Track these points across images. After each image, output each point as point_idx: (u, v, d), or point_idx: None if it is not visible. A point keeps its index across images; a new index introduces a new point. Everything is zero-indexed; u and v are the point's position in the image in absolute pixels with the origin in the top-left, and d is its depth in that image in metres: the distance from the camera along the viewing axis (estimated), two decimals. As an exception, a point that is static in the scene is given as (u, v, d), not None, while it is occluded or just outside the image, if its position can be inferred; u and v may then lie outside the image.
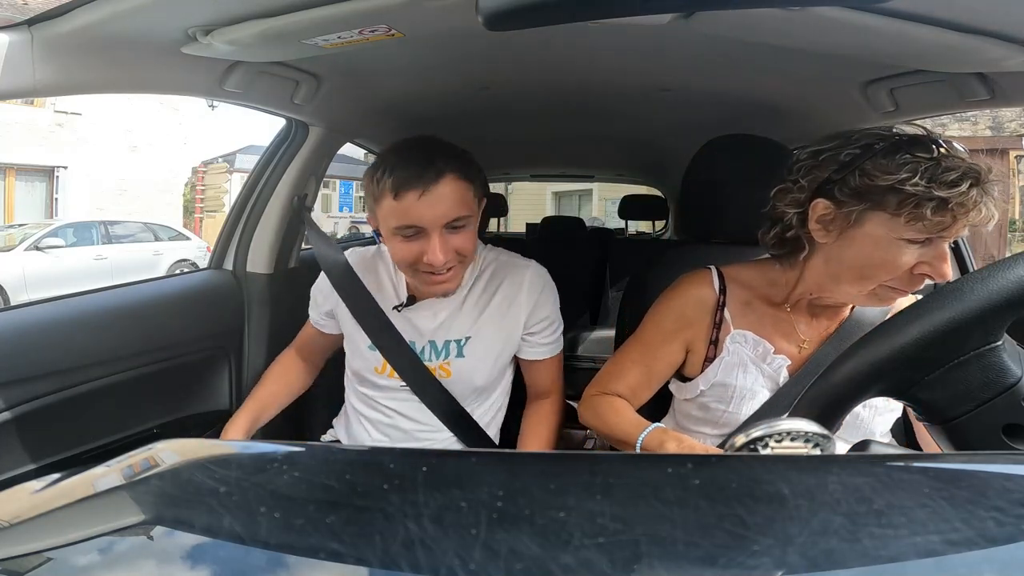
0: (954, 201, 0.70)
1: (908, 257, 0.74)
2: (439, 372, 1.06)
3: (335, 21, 0.82)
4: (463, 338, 1.06)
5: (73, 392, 1.05)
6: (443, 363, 1.06)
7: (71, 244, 8.19)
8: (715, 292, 0.92)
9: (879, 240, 0.75)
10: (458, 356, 1.05)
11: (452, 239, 0.93)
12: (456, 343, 1.06)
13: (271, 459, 0.46)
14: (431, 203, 0.90)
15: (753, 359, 0.90)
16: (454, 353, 1.05)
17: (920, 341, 0.51)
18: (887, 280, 0.77)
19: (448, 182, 0.91)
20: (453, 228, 0.93)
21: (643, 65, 1.26)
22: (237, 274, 1.45)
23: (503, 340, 1.07)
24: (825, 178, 0.78)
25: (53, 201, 10.70)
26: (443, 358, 1.06)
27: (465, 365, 1.06)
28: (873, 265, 0.76)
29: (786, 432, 0.51)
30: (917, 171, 0.71)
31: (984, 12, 0.78)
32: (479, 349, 1.06)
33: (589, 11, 0.64)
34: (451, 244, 0.93)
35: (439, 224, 0.91)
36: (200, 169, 13.96)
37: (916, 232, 0.73)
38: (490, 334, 1.06)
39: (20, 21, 0.79)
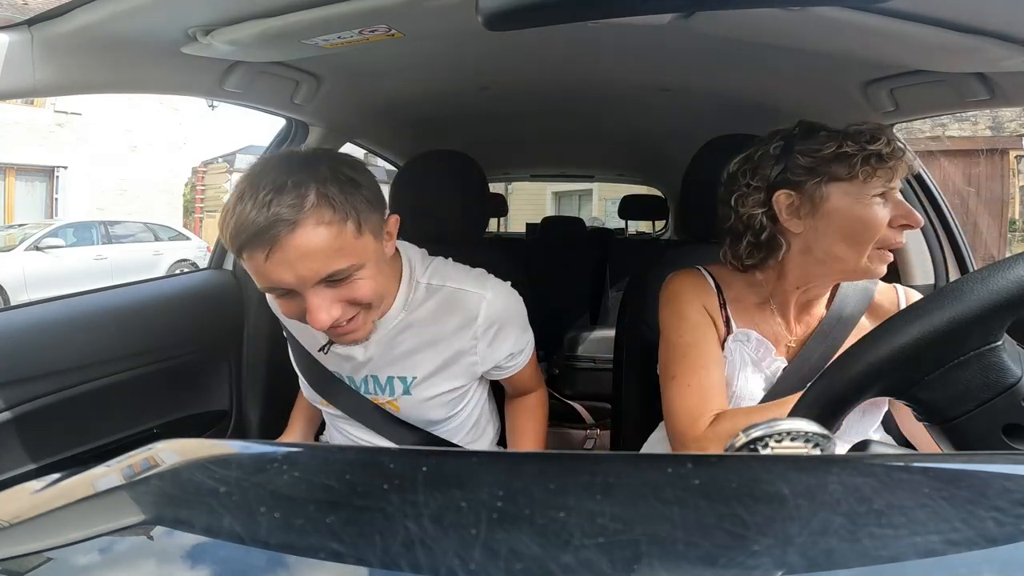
0: (885, 151, 0.78)
1: (882, 212, 0.79)
2: (387, 407, 0.95)
3: (335, 21, 0.82)
4: (408, 376, 0.91)
5: (73, 392, 1.05)
6: (390, 400, 0.94)
7: (71, 244, 8.19)
8: (713, 288, 0.92)
9: (851, 206, 0.80)
10: (405, 394, 0.93)
11: (338, 292, 0.74)
12: (401, 381, 0.92)
13: (271, 459, 0.46)
14: (286, 265, 0.69)
15: (755, 360, 0.89)
16: (400, 391, 0.93)
17: (920, 341, 0.51)
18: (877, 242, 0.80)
19: (305, 232, 0.68)
20: (333, 283, 0.74)
21: (643, 65, 1.26)
22: (237, 274, 1.45)
23: (457, 378, 0.93)
24: (771, 173, 0.83)
25: (53, 201, 10.69)
26: (388, 395, 0.93)
27: (414, 402, 0.94)
28: (858, 230, 0.80)
29: (786, 432, 0.51)
30: (838, 139, 0.80)
31: (984, 12, 0.78)
32: (428, 389, 0.93)
33: (589, 11, 0.64)
34: (338, 298, 0.75)
35: (308, 284, 0.72)
36: (200, 169, 13.96)
37: (875, 187, 0.79)
38: (441, 374, 0.92)
39: (20, 21, 0.79)
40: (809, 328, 0.92)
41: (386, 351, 0.90)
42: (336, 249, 0.71)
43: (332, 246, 0.70)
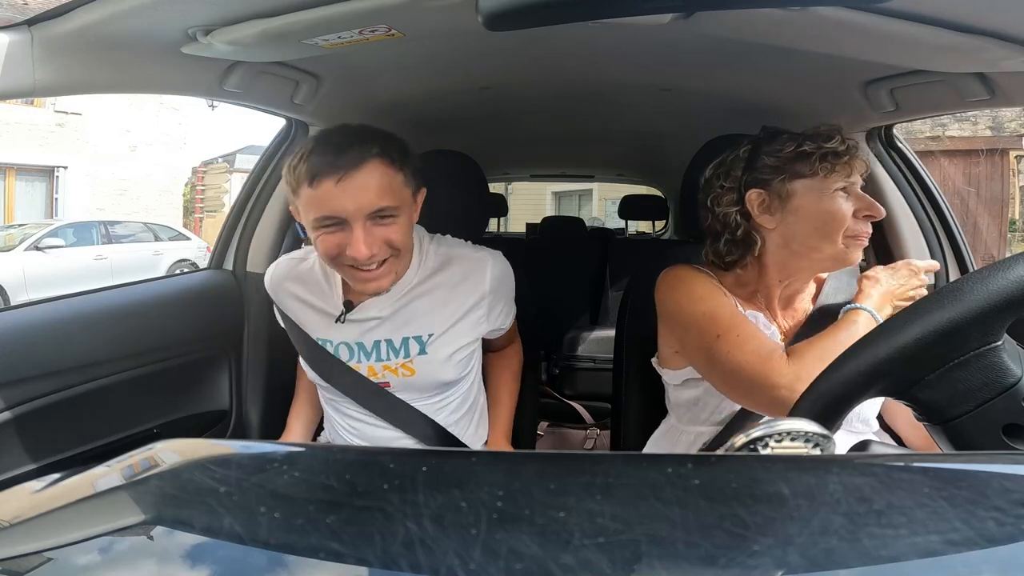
0: (840, 149, 0.85)
1: (846, 205, 0.86)
2: (402, 372, 1.00)
3: (335, 21, 0.82)
4: (425, 335, 0.99)
5: (73, 392, 1.05)
6: (404, 362, 0.99)
7: (71, 244, 8.19)
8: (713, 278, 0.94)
9: (816, 200, 0.86)
10: (421, 354, 0.99)
11: (378, 231, 0.86)
12: (416, 340, 0.99)
13: (271, 459, 0.46)
14: (350, 191, 0.83)
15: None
16: (415, 351, 0.99)
17: (920, 341, 0.51)
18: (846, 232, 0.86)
19: (371, 168, 0.85)
20: (379, 219, 0.86)
21: (643, 65, 1.26)
22: (237, 274, 1.45)
23: (467, 336, 1.02)
24: (742, 174, 0.90)
25: (53, 201, 10.70)
26: (403, 356, 0.99)
27: (430, 363, 0.99)
28: (827, 222, 0.86)
29: (786, 432, 0.51)
30: (798, 140, 0.87)
31: (984, 12, 0.78)
32: (444, 346, 0.99)
33: (589, 11, 0.64)
34: (377, 236, 0.86)
35: (361, 214, 0.85)
36: (200, 169, 13.96)
37: (836, 180, 0.85)
38: (455, 330, 1.00)
39: (20, 21, 0.80)
40: (796, 322, 0.95)
41: (402, 311, 0.99)
42: (389, 189, 0.86)
43: (387, 186, 0.86)
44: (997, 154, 7.56)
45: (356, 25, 0.84)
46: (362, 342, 1.00)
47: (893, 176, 1.35)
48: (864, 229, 0.87)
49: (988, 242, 7.24)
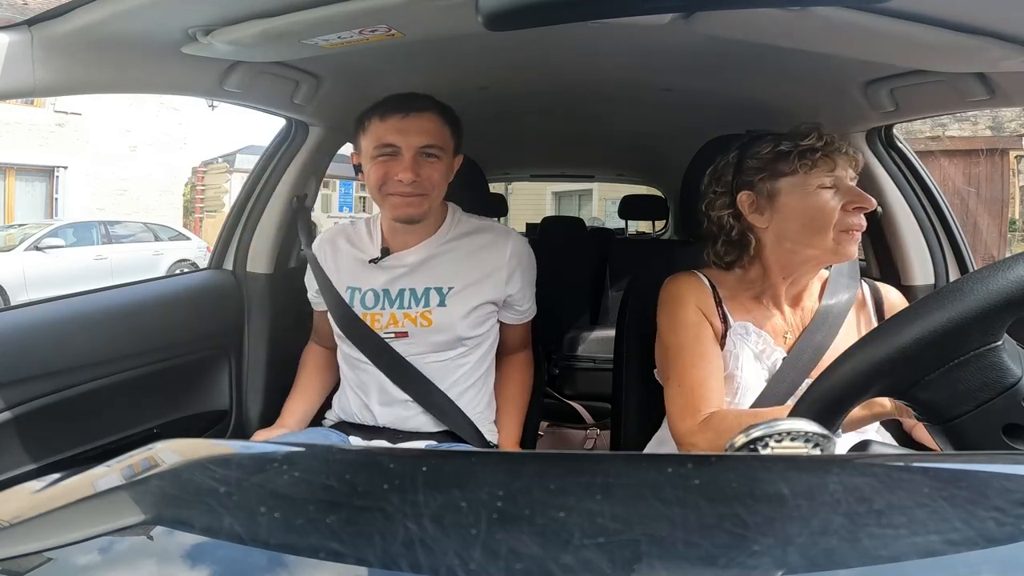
0: (818, 145, 0.88)
1: (832, 199, 0.87)
2: (420, 320, 1.10)
3: (335, 21, 0.82)
4: (445, 287, 1.10)
5: (73, 392, 1.05)
6: (424, 311, 1.10)
7: (71, 244, 8.18)
8: (708, 288, 0.96)
9: (801, 197, 0.88)
10: (440, 305, 1.10)
11: (423, 165, 1.03)
12: (437, 291, 1.10)
13: (271, 459, 0.46)
14: (411, 125, 1.03)
15: (756, 353, 0.93)
16: (435, 301, 1.10)
17: (920, 341, 0.51)
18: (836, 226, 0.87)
19: (429, 115, 1.05)
20: (426, 156, 1.04)
21: (643, 65, 1.26)
22: (237, 274, 1.44)
23: (484, 296, 1.11)
24: (731, 178, 0.94)
25: (53, 201, 10.69)
26: (423, 306, 1.10)
27: (447, 314, 1.09)
28: (814, 216, 0.88)
29: (786, 432, 0.51)
30: (775, 141, 0.91)
31: (984, 12, 0.78)
32: (461, 299, 1.10)
33: (589, 11, 0.64)
34: (422, 168, 1.03)
35: (414, 146, 1.03)
36: (200, 169, 13.96)
37: (818, 176, 0.87)
38: (473, 287, 1.11)
39: (20, 21, 0.80)
40: (805, 319, 0.95)
41: (428, 262, 1.11)
42: (439, 135, 1.05)
43: (438, 132, 1.06)
44: (997, 154, 7.56)
45: (356, 25, 0.84)
46: (388, 289, 1.11)
47: (893, 176, 1.35)
48: (855, 222, 0.87)
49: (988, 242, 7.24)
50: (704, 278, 0.97)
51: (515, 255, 1.13)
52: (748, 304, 0.96)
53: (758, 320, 0.94)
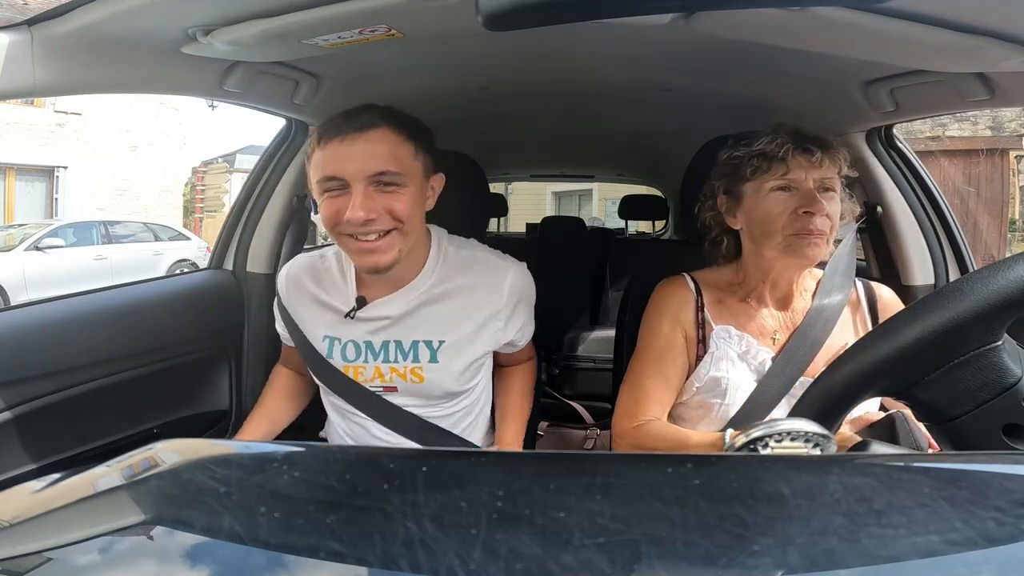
0: (768, 149, 0.90)
1: (781, 204, 0.90)
2: (410, 377, 0.96)
3: (335, 21, 0.82)
4: (435, 341, 0.96)
5: (73, 392, 1.04)
6: (414, 367, 0.96)
7: (71, 244, 8.18)
8: (692, 293, 0.99)
9: (757, 201, 0.92)
10: (432, 361, 0.96)
11: (380, 198, 0.85)
12: (427, 345, 0.96)
13: (271, 459, 0.46)
14: (354, 151, 0.84)
15: (740, 354, 0.94)
16: (426, 357, 0.96)
17: (920, 341, 0.51)
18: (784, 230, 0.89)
19: (378, 133, 0.86)
20: (382, 185, 0.85)
21: (643, 65, 1.26)
22: (237, 274, 1.44)
23: (482, 348, 0.98)
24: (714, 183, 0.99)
25: (53, 201, 10.69)
26: (412, 361, 0.96)
27: (440, 371, 0.96)
28: (765, 220, 0.91)
29: (786, 432, 0.51)
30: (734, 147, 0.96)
31: (984, 12, 0.78)
32: (455, 355, 0.96)
33: (589, 11, 0.64)
34: (378, 203, 0.85)
35: (362, 176, 0.84)
36: (200, 169, 13.96)
37: (770, 180, 0.90)
38: (469, 340, 0.97)
39: (20, 21, 0.79)
40: (796, 319, 0.96)
41: (414, 313, 0.96)
42: (394, 156, 0.86)
43: (391, 152, 0.86)
44: (997, 154, 7.56)
45: (356, 25, 0.84)
46: (370, 341, 0.97)
47: (893, 176, 1.35)
48: (807, 226, 0.88)
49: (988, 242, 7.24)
50: (691, 283, 1.00)
51: (514, 293, 0.98)
52: (734, 307, 0.98)
53: (741, 322, 0.96)
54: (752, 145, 0.92)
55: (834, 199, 0.90)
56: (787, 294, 0.97)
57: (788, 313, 0.97)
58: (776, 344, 0.95)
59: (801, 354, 0.92)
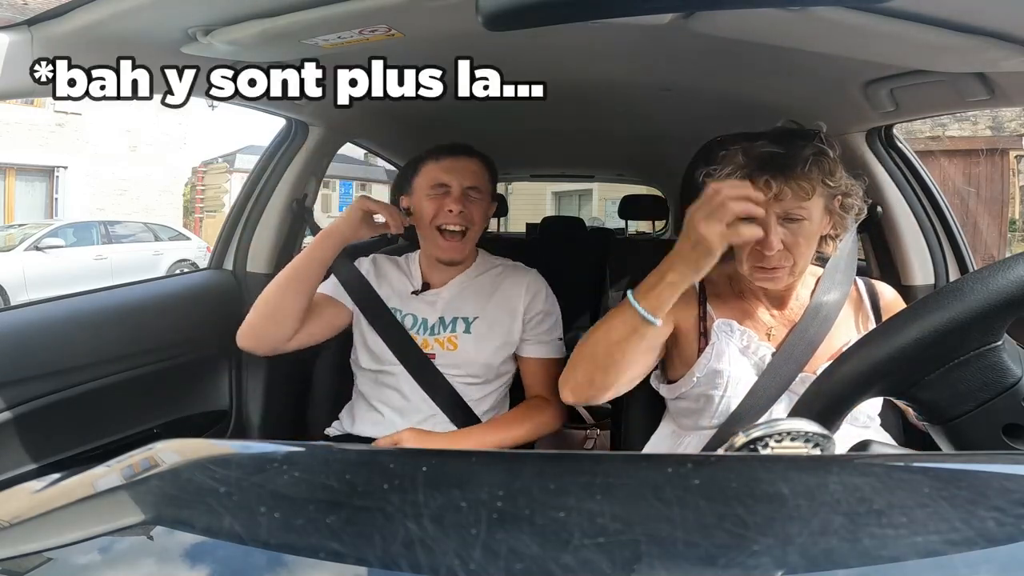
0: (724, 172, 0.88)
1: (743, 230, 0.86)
2: (447, 344, 1.18)
3: (335, 21, 0.82)
4: (471, 317, 1.20)
5: (73, 392, 1.04)
6: (451, 336, 1.19)
7: (71, 244, 8.18)
8: (695, 291, 0.98)
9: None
10: (465, 332, 1.19)
11: (468, 203, 1.15)
12: (464, 320, 1.20)
13: (271, 459, 0.46)
14: (461, 166, 1.17)
15: (741, 348, 0.94)
16: (461, 328, 1.19)
17: (920, 341, 0.51)
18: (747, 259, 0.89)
19: (476, 161, 1.20)
20: (470, 194, 1.16)
21: (643, 65, 1.26)
22: (237, 274, 1.44)
23: (504, 328, 1.20)
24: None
25: (53, 201, 10.69)
26: (451, 331, 1.19)
27: (471, 341, 1.19)
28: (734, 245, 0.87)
29: (786, 432, 0.51)
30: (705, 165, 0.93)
31: (984, 12, 0.78)
32: (483, 329, 1.19)
33: (589, 11, 0.64)
34: (467, 207, 1.14)
35: (463, 184, 1.16)
36: (200, 169, 13.95)
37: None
38: (493, 319, 1.20)
39: (20, 21, 0.80)
40: (794, 316, 0.96)
41: (459, 295, 1.22)
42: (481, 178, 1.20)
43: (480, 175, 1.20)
44: (997, 154, 7.56)
45: (356, 25, 0.84)
46: (426, 318, 1.21)
47: (893, 176, 1.35)
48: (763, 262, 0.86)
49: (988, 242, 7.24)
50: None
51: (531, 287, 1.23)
52: (733, 301, 0.98)
53: (741, 316, 0.96)
54: (714, 172, 0.89)
55: (801, 228, 0.85)
56: (785, 294, 0.97)
57: (786, 310, 0.97)
58: (773, 340, 0.95)
59: (800, 351, 0.92)
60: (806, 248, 0.88)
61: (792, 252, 0.87)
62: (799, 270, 0.90)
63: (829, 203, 0.88)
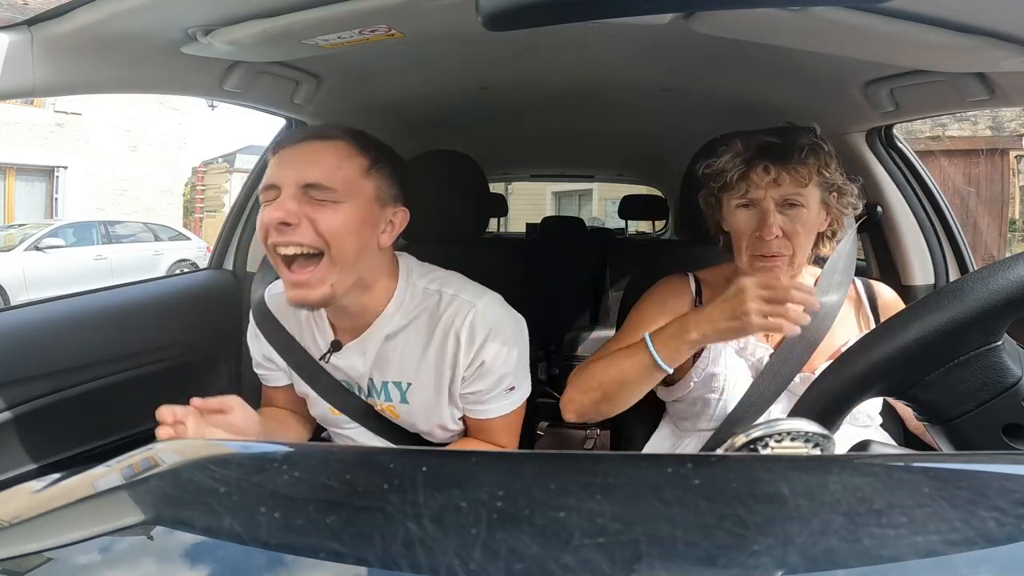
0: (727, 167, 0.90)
1: (744, 222, 0.91)
2: (387, 413, 0.93)
3: (335, 21, 0.82)
4: (404, 383, 0.90)
5: (73, 392, 1.05)
6: (388, 405, 0.92)
7: (71, 244, 8.17)
8: (692, 293, 1.00)
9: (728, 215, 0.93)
10: (402, 402, 0.91)
11: (308, 209, 0.76)
12: (397, 387, 0.90)
13: (271, 459, 0.46)
14: (294, 157, 0.79)
15: (737, 350, 0.95)
16: (397, 398, 0.91)
17: (920, 341, 0.51)
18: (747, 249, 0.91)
19: (327, 145, 0.79)
20: (313, 197, 0.77)
21: (643, 65, 1.26)
22: (237, 274, 1.44)
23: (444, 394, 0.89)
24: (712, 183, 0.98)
25: (53, 201, 10.68)
26: (385, 400, 0.92)
27: (411, 412, 0.91)
28: (734, 235, 0.93)
29: (786, 432, 0.51)
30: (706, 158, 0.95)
31: (984, 12, 0.78)
32: (420, 398, 0.90)
33: (589, 11, 0.64)
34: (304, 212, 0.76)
35: (292, 182, 0.76)
36: (200, 169, 13.95)
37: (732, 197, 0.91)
38: (430, 385, 0.89)
39: (20, 21, 0.80)
40: None
41: (383, 354, 0.89)
42: (335, 169, 0.78)
43: (334, 165, 0.78)
44: (997, 154, 7.55)
45: (356, 25, 0.84)
46: (348, 380, 0.93)
47: (893, 176, 1.35)
48: (763, 249, 0.88)
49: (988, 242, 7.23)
50: (693, 283, 1.01)
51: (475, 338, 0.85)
52: None
53: None
54: (715, 162, 0.92)
55: (799, 215, 0.88)
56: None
57: None
58: (772, 340, 0.95)
59: (798, 350, 0.92)
60: (804, 238, 0.90)
61: (791, 240, 0.88)
62: (797, 262, 0.91)
63: (826, 196, 0.90)
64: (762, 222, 0.88)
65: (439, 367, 0.87)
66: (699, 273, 1.03)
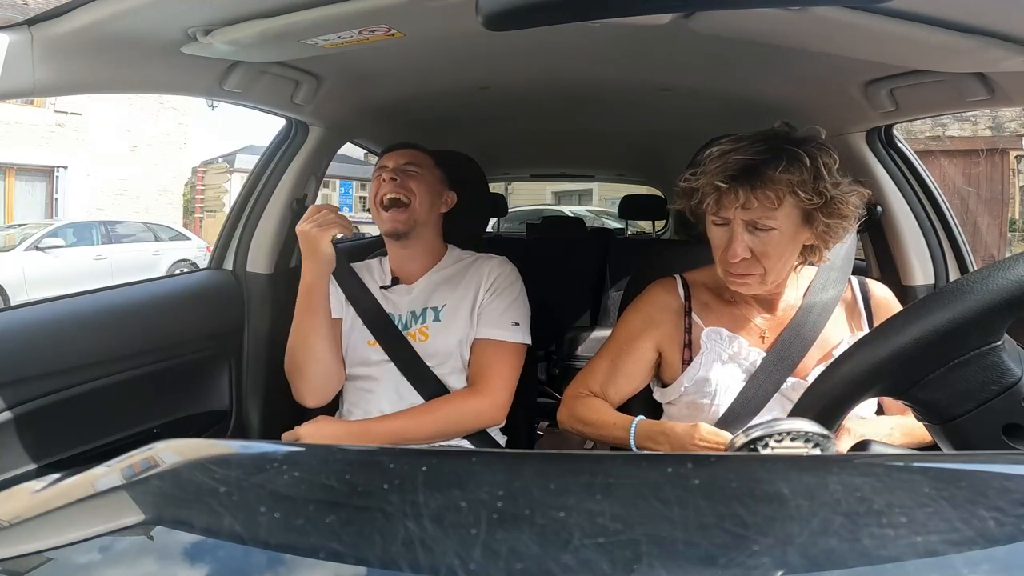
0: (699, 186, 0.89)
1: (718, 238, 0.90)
2: (419, 336, 1.20)
3: (335, 21, 0.82)
4: (440, 306, 1.22)
5: (73, 392, 1.04)
6: (422, 327, 1.21)
7: (71, 244, 8.18)
8: (680, 299, 1.00)
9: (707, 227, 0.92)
10: (435, 320, 1.21)
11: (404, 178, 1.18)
12: (433, 310, 1.22)
13: (271, 459, 0.46)
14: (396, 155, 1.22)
15: (731, 355, 0.95)
16: (431, 318, 1.21)
17: (920, 341, 0.51)
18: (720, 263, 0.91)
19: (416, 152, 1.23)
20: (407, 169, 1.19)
21: (643, 65, 1.26)
22: (237, 274, 1.44)
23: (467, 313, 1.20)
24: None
25: (53, 201, 10.68)
26: (422, 322, 1.21)
27: (442, 328, 1.20)
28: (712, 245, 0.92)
29: (786, 432, 0.51)
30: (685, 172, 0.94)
31: (984, 12, 0.78)
32: (451, 315, 1.20)
33: (589, 11, 0.64)
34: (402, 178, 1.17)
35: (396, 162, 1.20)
36: (200, 169, 13.95)
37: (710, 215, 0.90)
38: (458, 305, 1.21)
39: (20, 21, 0.80)
40: (786, 317, 0.96)
41: (427, 289, 1.23)
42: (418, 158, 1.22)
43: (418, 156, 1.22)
44: (997, 154, 7.56)
45: (356, 25, 0.84)
46: (400, 313, 1.22)
47: (893, 176, 1.35)
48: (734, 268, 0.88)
49: (988, 242, 7.24)
50: (681, 287, 1.01)
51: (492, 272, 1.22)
52: (723, 309, 0.99)
53: (731, 324, 0.97)
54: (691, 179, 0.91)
55: (770, 237, 0.86)
56: (773, 297, 0.97)
57: (777, 312, 0.97)
58: (766, 342, 0.95)
59: (792, 352, 0.92)
60: (776, 259, 0.87)
61: (761, 261, 0.87)
62: (771, 279, 0.90)
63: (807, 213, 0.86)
64: (729, 242, 0.88)
65: (466, 294, 1.22)
66: (688, 274, 1.03)
